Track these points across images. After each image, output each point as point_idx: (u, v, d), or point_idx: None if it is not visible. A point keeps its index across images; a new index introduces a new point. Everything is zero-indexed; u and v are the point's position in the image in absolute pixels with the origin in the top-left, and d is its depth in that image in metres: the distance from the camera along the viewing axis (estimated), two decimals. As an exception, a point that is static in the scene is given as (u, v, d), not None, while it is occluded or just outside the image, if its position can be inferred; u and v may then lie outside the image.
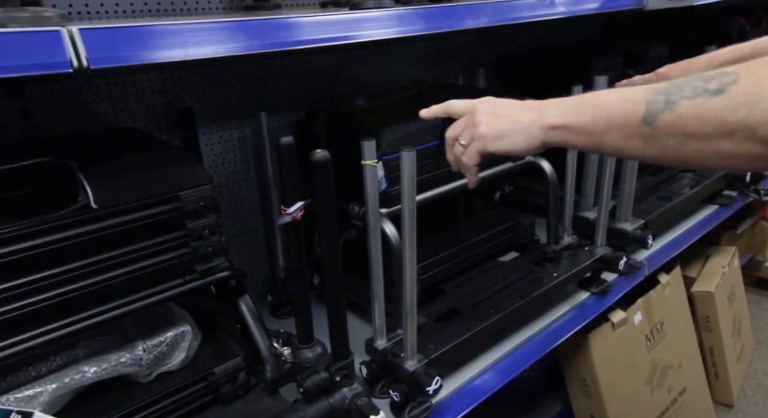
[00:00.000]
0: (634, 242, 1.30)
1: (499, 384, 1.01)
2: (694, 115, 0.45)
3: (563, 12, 1.09)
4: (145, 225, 0.67)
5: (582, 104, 0.56)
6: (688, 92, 0.46)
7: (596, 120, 0.53)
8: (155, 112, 1.03)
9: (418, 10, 0.83)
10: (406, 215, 0.80)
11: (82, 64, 0.49)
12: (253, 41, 0.61)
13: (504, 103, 0.65)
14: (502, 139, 0.62)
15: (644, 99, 0.49)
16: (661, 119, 0.48)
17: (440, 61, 1.50)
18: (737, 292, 1.87)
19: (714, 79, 0.45)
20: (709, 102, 0.44)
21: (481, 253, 1.19)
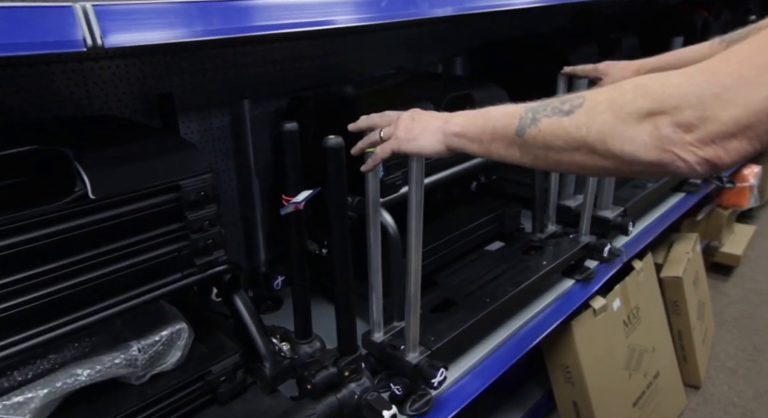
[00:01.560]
0: (615, 229, 1.38)
1: (496, 374, 1.05)
2: (549, 131, 0.56)
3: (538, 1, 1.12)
4: (144, 216, 0.65)
5: (478, 116, 0.67)
6: (548, 111, 0.56)
7: (485, 130, 0.64)
8: (133, 98, 0.99)
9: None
10: (414, 202, 0.81)
11: (96, 42, 0.47)
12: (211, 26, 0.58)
13: (424, 112, 0.76)
14: (412, 141, 0.72)
15: (519, 115, 0.60)
16: (528, 133, 0.58)
17: (419, 49, 1.52)
18: (700, 276, 2.00)
19: (568, 101, 0.55)
20: (560, 121, 0.55)
21: (470, 243, 1.22)
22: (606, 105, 0.51)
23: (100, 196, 0.61)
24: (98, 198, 0.60)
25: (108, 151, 0.65)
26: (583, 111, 0.53)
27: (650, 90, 0.48)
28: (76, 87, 0.90)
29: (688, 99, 0.46)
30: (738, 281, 2.48)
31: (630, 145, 0.49)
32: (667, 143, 0.47)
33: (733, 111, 0.44)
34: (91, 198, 0.60)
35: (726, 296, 2.38)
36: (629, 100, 0.49)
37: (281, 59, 1.19)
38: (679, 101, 0.46)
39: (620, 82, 0.52)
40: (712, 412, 1.83)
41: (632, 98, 0.49)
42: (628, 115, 0.49)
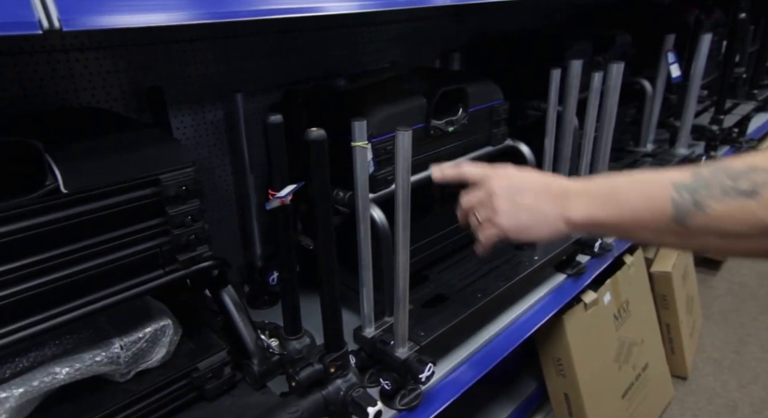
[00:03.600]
0: (606, 224, 1.32)
1: (487, 368, 1.00)
2: (728, 218, 0.43)
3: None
4: (122, 211, 0.60)
5: (605, 199, 0.51)
6: (717, 192, 0.43)
7: (623, 218, 0.50)
8: (122, 92, 0.93)
9: None
10: (400, 198, 0.76)
11: (54, 25, 0.42)
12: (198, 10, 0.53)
13: (524, 187, 0.59)
14: (524, 232, 0.58)
15: (670, 198, 0.46)
16: (693, 220, 0.45)
17: (415, 44, 1.46)
18: (689, 271, 1.95)
19: (743, 177, 0.42)
20: (744, 205, 0.42)
21: (463, 238, 1.17)
22: None
23: (73, 190, 0.55)
24: (71, 192, 0.55)
25: (83, 144, 0.60)
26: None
27: None
28: (62, 79, 0.85)
29: None
30: (725, 275, 2.43)
31: None
32: None
33: None
34: (64, 192, 0.55)
35: (714, 290, 2.33)
36: None
37: (275, 52, 1.13)
38: None
39: None
40: (697, 402, 1.78)
41: None
42: None
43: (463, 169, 0.66)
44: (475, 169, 0.65)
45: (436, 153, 1.04)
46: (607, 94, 1.21)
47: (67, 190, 0.55)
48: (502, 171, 0.62)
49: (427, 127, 0.99)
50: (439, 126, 1.01)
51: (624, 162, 1.68)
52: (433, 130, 1.00)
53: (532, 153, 1.21)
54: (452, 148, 1.07)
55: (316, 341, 0.84)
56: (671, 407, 1.76)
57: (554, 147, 1.22)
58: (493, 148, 1.18)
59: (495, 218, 0.59)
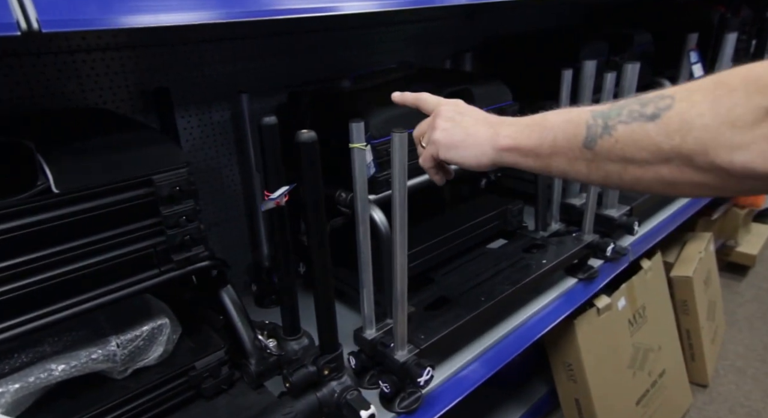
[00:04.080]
0: (620, 228, 1.27)
1: (490, 372, 0.97)
2: (630, 141, 0.43)
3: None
4: (115, 211, 0.60)
5: (532, 126, 0.53)
6: (625, 116, 0.44)
7: (543, 142, 0.51)
8: (129, 93, 0.94)
9: None
10: (397, 200, 0.74)
11: (32, 26, 0.42)
12: (232, 8, 0.54)
13: (467, 111, 0.62)
14: (453, 149, 0.60)
15: (585, 122, 0.47)
16: (600, 144, 0.46)
17: (426, 45, 1.43)
18: (712, 276, 1.87)
19: (650, 102, 0.43)
20: (644, 128, 0.42)
21: (470, 240, 1.14)
22: (707, 105, 0.38)
23: (64, 191, 0.55)
24: (62, 192, 0.55)
25: (77, 145, 0.60)
26: (675, 114, 0.40)
27: None
28: (69, 80, 0.86)
29: None
30: (752, 280, 2.32)
31: (743, 155, 0.37)
32: None
33: None
34: (55, 192, 0.55)
35: (739, 296, 2.22)
36: (740, 98, 0.37)
37: (283, 53, 1.12)
38: None
39: (720, 75, 0.40)
40: (717, 411, 1.71)
41: (744, 96, 0.37)
42: (739, 117, 0.37)
43: (421, 96, 0.69)
44: (431, 98, 0.68)
45: (441, 154, 1.01)
46: (622, 95, 1.16)
47: (59, 191, 0.55)
48: (453, 101, 0.65)
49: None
50: (445, 127, 0.98)
51: (642, 163, 1.61)
52: (437, 131, 0.98)
53: (542, 154, 1.17)
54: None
55: (316, 341, 0.82)
56: (689, 415, 1.69)
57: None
58: (502, 149, 1.14)
59: (432, 135, 0.62)
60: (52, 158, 0.56)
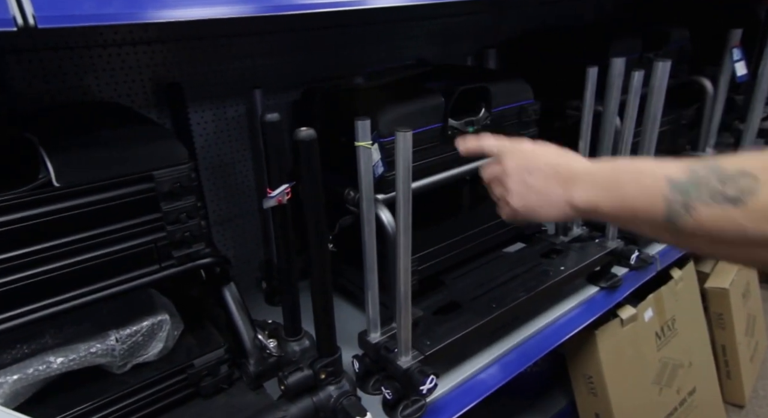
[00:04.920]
0: (647, 235, 1.22)
1: (500, 382, 0.95)
2: (715, 226, 0.41)
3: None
4: (115, 206, 0.61)
5: (608, 186, 0.52)
6: (705, 196, 0.42)
7: (622, 209, 0.50)
8: (143, 87, 0.96)
9: None
10: (401, 202, 0.73)
11: (29, 22, 0.43)
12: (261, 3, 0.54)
13: (534, 168, 0.62)
14: (533, 212, 0.62)
15: (662, 195, 0.45)
16: (683, 223, 0.44)
17: (447, 41, 1.41)
18: (752, 289, 1.78)
19: (730, 182, 0.40)
20: (729, 213, 0.40)
21: (485, 243, 1.12)
22: None
23: (65, 184, 0.57)
24: (63, 186, 0.57)
25: (80, 139, 0.61)
26: (761, 202, 0.38)
27: None
28: (85, 74, 0.88)
29: None
30: (798, 294, 2.20)
31: None
32: None
33: None
34: (56, 186, 0.56)
35: (783, 310, 2.11)
36: None
37: (299, 49, 1.13)
38: None
39: None
40: (755, 435, 1.62)
41: None
42: None
43: (483, 143, 0.71)
44: (493, 143, 0.69)
45: (454, 154, 0.99)
46: (651, 94, 1.12)
47: (59, 184, 0.57)
48: (517, 148, 0.65)
49: (444, 127, 0.95)
50: (458, 126, 0.97)
51: (677, 167, 1.55)
52: (450, 131, 0.96)
53: (564, 156, 1.14)
54: (474, 150, 1.02)
55: (318, 343, 0.82)
56: (723, 437, 1.61)
57: (589, 150, 1.15)
58: (522, 150, 1.11)
59: (507, 198, 0.64)
60: (55, 152, 0.57)
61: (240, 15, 0.56)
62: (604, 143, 1.20)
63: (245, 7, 0.56)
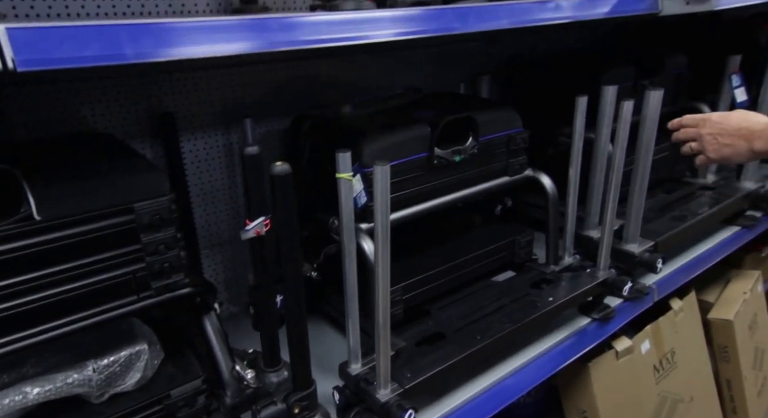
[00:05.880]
0: (641, 265, 1.23)
1: (485, 416, 0.95)
2: None
3: (570, 16, 1.03)
4: (94, 238, 0.64)
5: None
6: None
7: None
8: (137, 117, 1.00)
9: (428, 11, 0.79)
10: (379, 232, 0.75)
11: (8, 66, 0.46)
12: None
13: (724, 132, 1.01)
14: (725, 159, 1.04)
15: None
16: None
17: (441, 67, 1.45)
18: (760, 320, 1.76)
19: None
20: None
21: (474, 272, 1.13)
22: None
23: (46, 218, 0.60)
24: (43, 219, 0.60)
25: (64, 172, 0.65)
26: None
27: None
28: (82, 105, 0.93)
29: None
30: (811, 325, 2.16)
31: None
32: None
33: None
34: (37, 219, 0.60)
35: (794, 342, 2.07)
36: None
37: (292, 77, 1.17)
38: None
39: None
40: (765, 474, 1.58)
41: None
42: None
43: (682, 120, 1.10)
44: (689, 116, 1.09)
45: (441, 183, 1.02)
46: (643, 124, 1.14)
47: (40, 217, 0.60)
48: (708, 119, 1.06)
49: (431, 156, 0.98)
50: (444, 156, 0.99)
51: (677, 194, 1.56)
52: (437, 160, 0.99)
53: (554, 185, 1.16)
54: (461, 178, 1.05)
55: (298, 374, 0.84)
56: (730, 476, 1.58)
57: (581, 178, 1.16)
58: (510, 178, 1.14)
59: (706, 152, 1.04)
60: (37, 185, 0.61)
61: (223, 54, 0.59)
62: (596, 171, 1.22)
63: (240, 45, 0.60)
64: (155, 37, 0.55)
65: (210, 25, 0.57)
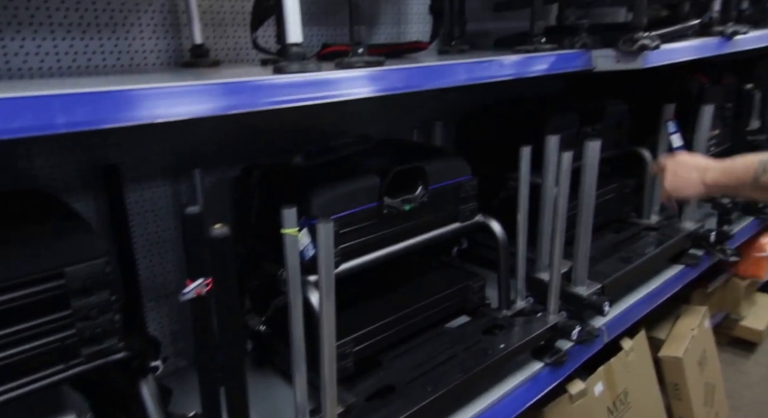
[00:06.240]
0: (589, 308, 1.26)
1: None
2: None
3: (513, 74, 1.10)
4: (21, 305, 0.62)
5: (726, 169, 1.03)
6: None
7: (731, 181, 1.02)
8: (80, 170, 0.99)
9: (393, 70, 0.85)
10: (324, 291, 0.75)
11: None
12: None
13: (683, 167, 1.13)
14: (678, 191, 1.14)
15: (753, 167, 0.96)
16: (762, 180, 0.94)
17: (394, 114, 1.49)
18: (709, 356, 1.82)
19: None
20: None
21: (426, 319, 1.14)
22: None
23: (-35, 287, 0.58)
24: (-37, 288, 0.57)
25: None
26: None
27: None
28: (19, 158, 0.91)
29: None
30: (760, 358, 2.25)
31: None
32: None
33: None
34: (-45, 288, 0.57)
35: (746, 376, 2.15)
36: None
37: (242, 127, 1.18)
38: None
39: None
40: None
41: None
42: None
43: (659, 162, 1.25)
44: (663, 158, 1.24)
45: (392, 232, 1.04)
46: (584, 172, 1.20)
47: (-40, 286, 0.57)
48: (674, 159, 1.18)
49: (380, 206, 1.00)
50: (394, 205, 1.02)
51: (624, 235, 1.62)
52: (386, 210, 1.01)
53: (503, 230, 1.19)
54: (411, 226, 1.07)
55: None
56: None
57: (530, 221, 1.21)
58: (461, 224, 1.17)
59: (663, 183, 1.17)
60: (-43, 253, 0.58)
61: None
62: (544, 215, 1.27)
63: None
64: (91, 105, 0.56)
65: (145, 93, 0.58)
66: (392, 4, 1.42)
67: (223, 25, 1.10)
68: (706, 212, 1.86)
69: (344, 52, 0.89)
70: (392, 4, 1.42)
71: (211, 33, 1.08)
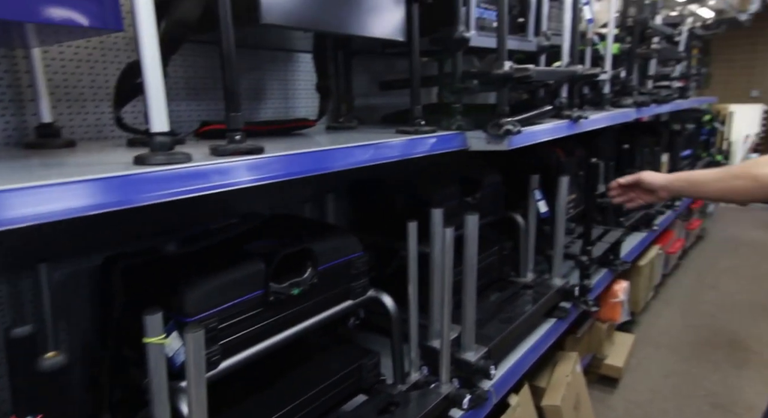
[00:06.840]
0: (478, 372, 1.24)
1: None
2: None
3: (399, 155, 1.09)
4: None
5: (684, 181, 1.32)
6: None
7: (698, 176, 1.30)
8: None
9: (272, 158, 0.78)
10: (194, 399, 0.62)
11: None
12: None
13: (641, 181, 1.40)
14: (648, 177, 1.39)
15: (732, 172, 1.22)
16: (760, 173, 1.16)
17: (285, 188, 1.42)
18: (582, 399, 1.90)
19: None
20: None
21: (322, 406, 1.03)
22: None
23: None
24: None
25: None
26: None
27: None
28: None
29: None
30: (623, 393, 2.41)
31: None
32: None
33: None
34: None
35: (612, 411, 2.27)
36: None
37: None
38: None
39: None
40: None
41: None
42: None
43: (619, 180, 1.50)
44: (626, 178, 1.48)
45: (280, 318, 0.93)
46: (466, 244, 1.21)
47: None
48: (636, 175, 1.44)
49: (266, 293, 0.90)
50: (281, 290, 0.92)
51: (505, 294, 1.67)
52: (273, 296, 0.91)
53: (395, 304, 1.14)
54: (301, 310, 0.97)
55: None
56: None
57: (420, 288, 1.17)
58: (353, 301, 1.10)
59: None
60: None
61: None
62: (433, 284, 1.24)
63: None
64: None
65: None
66: (279, 81, 1.38)
67: (81, 100, 0.96)
68: (569, 265, 1.99)
69: (224, 130, 0.80)
70: (279, 81, 1.38)
71: (65, 109, 0.93)
